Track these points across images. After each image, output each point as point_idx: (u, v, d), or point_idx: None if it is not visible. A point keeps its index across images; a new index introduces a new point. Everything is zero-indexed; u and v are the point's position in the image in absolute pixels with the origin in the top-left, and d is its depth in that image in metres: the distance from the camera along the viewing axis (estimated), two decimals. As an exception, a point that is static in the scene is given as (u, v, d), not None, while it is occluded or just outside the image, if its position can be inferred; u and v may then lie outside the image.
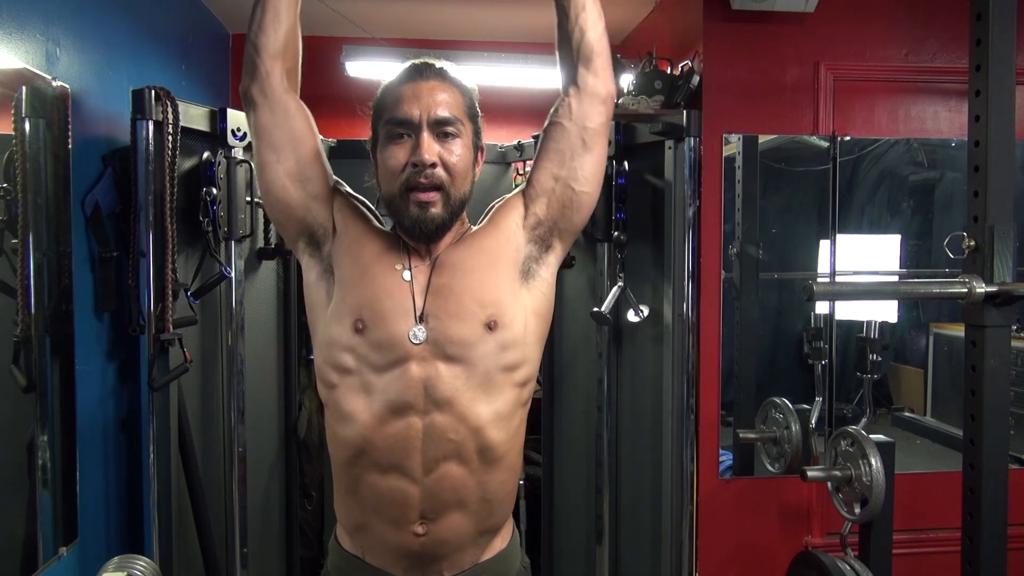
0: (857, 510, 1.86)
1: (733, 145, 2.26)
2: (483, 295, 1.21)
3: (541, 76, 2.86)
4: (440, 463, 1.18)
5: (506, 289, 1.24)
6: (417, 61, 1.25)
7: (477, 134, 1.28)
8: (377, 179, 1.27)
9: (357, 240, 1.25)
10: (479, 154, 1.29)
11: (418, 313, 1.20)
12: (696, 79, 2.24)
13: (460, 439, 1.18)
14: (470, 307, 1.20)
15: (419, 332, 1.19)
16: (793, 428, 2.26)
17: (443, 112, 1.20)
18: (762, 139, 2.29)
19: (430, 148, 1.18)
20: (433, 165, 1.18)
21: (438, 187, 1.19)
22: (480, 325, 1.19)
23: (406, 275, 1.22)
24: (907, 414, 2.62)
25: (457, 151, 1.21)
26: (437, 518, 1.20)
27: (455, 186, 1.21)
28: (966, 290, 1.39)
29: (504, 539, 1.31)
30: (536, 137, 2.60)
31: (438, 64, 1.25)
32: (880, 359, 2.12)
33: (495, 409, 1.21)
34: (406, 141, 1.20)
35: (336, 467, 1.27)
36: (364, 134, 1.32)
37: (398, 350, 1.19)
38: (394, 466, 1.18)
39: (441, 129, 1.20)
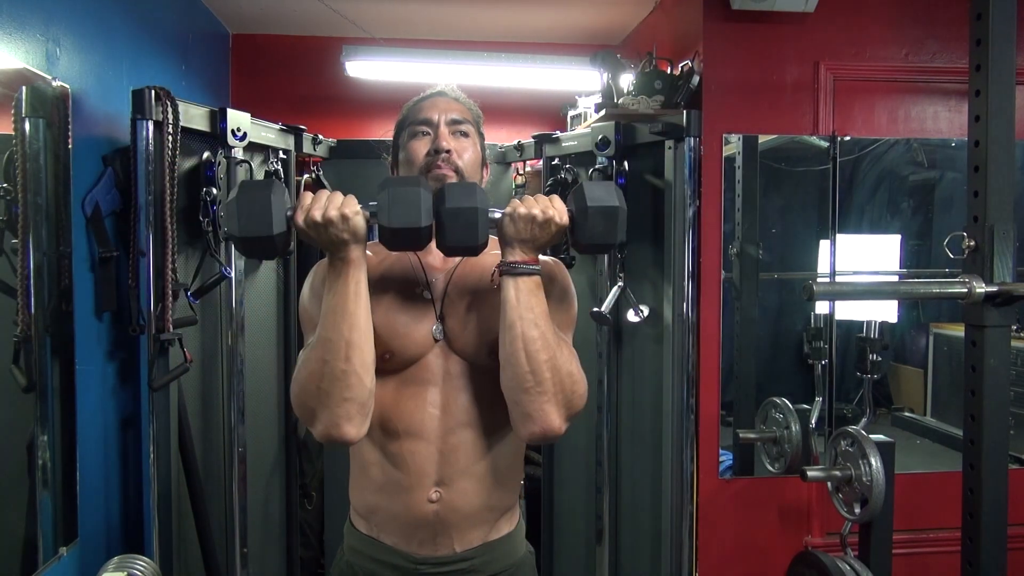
0: (857, 510, 1.86)
1: (733, 145, 2.26)
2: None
3: (541, 76, 2.86)
4: (455, 431, 1.30)
5: None
6: (434, 87, 1.44)
7: (483, 147, 1.44)
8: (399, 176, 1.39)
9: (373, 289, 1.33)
10: (485, 167, 1.44)
11: (438, 313, 1.33)
12: (696, 79, 2.24)
13: (475, 414, 1.31)
14: (485, 334, 1.30)
15: (438, 332, 1.32)
16: (793, 428, 2.26)
17: (457, 115, 1.37)
18: (762, 139, 2.29)
19: (447, 138, 1.34)
20: (449, 152, 1.33)
21: (454, 170, 1.33)
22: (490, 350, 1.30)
23: (426, 294, 1.34)
24: (907, 414, 2.61)
25: (469, 148, 1.37)
26: (451, 483, 1.29)
27: (467, 175, 1.35)
28: (966, 290, 1.39)
29: (511, 523, 1.41)
30: (535, 137, 2.64)
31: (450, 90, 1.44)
32: (880, 359, 2.12)
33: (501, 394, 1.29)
34: (426, 137, 1.36)
35: (355, 446, 1.33)
36: (363, 134, 1.37)
37: (422, 349, 1.31)
38: (412, 431, 1.29)
39: (456, 128, 1.36)
